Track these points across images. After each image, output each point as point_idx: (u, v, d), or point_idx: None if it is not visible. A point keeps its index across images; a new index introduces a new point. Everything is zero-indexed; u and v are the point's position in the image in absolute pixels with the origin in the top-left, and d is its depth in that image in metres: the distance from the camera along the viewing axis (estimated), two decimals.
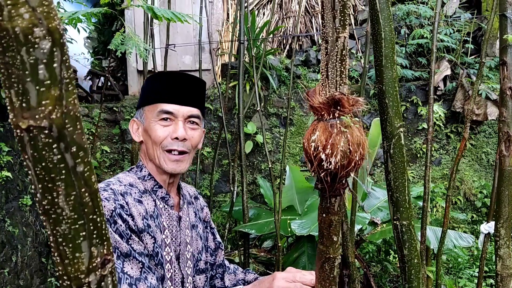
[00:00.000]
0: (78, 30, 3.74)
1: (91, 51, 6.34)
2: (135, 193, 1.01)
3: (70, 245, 0.34)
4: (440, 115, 4.10)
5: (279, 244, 2.20)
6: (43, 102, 0.28)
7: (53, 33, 0.27)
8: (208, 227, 1.25)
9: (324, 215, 0.48)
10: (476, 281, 2.88)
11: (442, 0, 4.52)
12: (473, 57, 4.44)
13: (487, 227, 1.88)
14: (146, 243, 0.97)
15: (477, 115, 4.12)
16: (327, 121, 0.42)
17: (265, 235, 3.22)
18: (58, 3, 3.67)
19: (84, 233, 0.34)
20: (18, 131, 0.29)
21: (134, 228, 0.94)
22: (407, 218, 0.80)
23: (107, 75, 4.02)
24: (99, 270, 0.36)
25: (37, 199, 0.33)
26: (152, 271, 0.95)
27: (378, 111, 0.79)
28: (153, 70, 2.69)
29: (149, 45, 2.32)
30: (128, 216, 0.94)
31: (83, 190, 0.33)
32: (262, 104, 4.17)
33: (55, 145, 0.30)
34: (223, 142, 3.68)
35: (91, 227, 0.35)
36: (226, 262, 1.27)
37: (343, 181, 0.44)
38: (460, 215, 2.91)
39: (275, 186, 2.51)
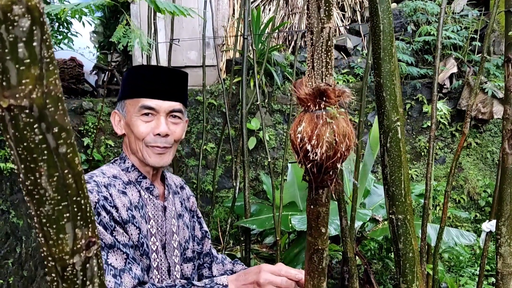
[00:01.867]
0: (83, 24, 3.76)
1: (96, 46, 6.37)
2: (119, 184, 1.02)
3: (54, 226, 0.34)
4: (444, 113, 4.06)
5: (278, 238, 2.20)
6: (23, 81, 0.28)
7: (33, 11, 0.27)
8: (195, 216, 1.26)
9: (312, 206, 0.48)
10: (477, 279, 2.86)
11: None
12: (480, 55, 4.39)
13: (489, 225, 1.87)
14: (131, 234, 0.97)
15: (483, 113, 4.07)
16: (313, 112, 0.42)
17: (267, 231, 3.23)
18: None
19: (67, 215, 0.34)
20: None
21: (118, 219, 0.95)
22: (403, 212, 0.79)
23: (109, 68, 4.03)
24: (84, 251, 0.36)
25: (20, 179, 0.33)
26: (136, 262, 0.95)
27: (375, 104, 0.79)
28: (157, 65, 2.70)
29: (153, 39, 2.32)
30: (112, 208, 0.95)
31: (66, 171, 0.33)
32: (266, 100, 4.16)
33: (36, 125, 0.30)
34: (227, 138, 3.68)
35: (75, 209, 0.35)
36: (214, 252, 1.28)
37: (330, 173, 0.44)
38: (463, 214, 2.89)
39: (276, 181, 2.51)
